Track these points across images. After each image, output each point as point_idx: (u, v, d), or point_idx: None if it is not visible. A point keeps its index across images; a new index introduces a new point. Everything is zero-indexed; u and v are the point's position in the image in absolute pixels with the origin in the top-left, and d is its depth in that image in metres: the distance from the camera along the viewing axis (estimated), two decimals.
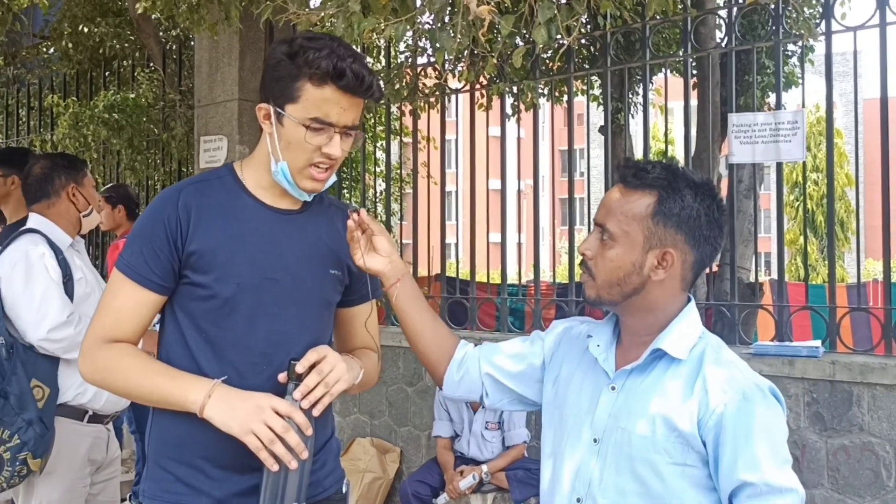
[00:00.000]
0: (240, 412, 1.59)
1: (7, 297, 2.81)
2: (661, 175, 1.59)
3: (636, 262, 1.58)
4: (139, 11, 4.59)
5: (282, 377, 1.68)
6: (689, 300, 1.66)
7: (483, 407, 4.43)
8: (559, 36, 2.84)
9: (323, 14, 2.86)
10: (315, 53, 1.63)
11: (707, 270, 1.73)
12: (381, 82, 5.53)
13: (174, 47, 6.71)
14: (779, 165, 4.27)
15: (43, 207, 3.02)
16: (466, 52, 4.01)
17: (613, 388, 1.62)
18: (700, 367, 1.56)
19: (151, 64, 6.78)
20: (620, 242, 1.58)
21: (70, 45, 7.17)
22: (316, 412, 1.65)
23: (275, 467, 1.58)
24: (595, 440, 1.61)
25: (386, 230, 1.81)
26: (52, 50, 7.75)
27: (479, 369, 1.84)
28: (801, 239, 22.59)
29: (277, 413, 1.59)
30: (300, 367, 1.65)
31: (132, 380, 1.69)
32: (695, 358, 1.58)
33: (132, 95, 6.51)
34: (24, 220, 3.83)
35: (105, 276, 4.99)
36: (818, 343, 3.87)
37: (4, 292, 2.82)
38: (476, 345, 1.92)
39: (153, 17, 4.90)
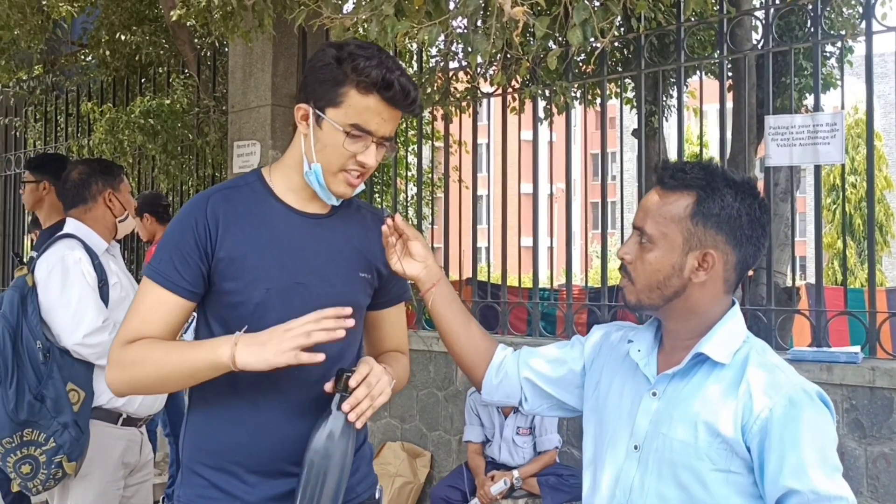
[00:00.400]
0: (270, 342, 1.58)
1: (44, 301, 2.85)
2: (700, 175, 1.56)
3: (676, 265, 1.55)
4: (174, 19, 4.64)
5: (328, 386, 1.67)
6: (733, 303, 1.63)
7: (520, 412, 4.41)
8: (593, 38, 2.82)
9: (356, 18, 2.87)
10: (365, 62, 1.63)
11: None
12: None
13: (208, 54, 6.78)
14: (817, 168, 4.20)
15: (80, 212, 3.06)
16: (499, 55, 3.99)
17: (654, 394, 1.60)
18: (744, 371, 1.53)
19: (186, 70, 6.86)
20: (659, 245, 1.56)
21: (107, 52, 7.28)
22: (359, 425, 1.64)
23: (338, 334, 1.60)
24: (636, 447, 1.59)
25: (421, 235, 1.81)
26: (90, 57, 7.87)
27: (518, 374, 1.82)
28: (839, 242, 22.24)
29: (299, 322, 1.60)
30: (354, 383, 1.63)
31: (160, 362, 1.66)
32: (738, 362, 1.54)
33: (167, 101, 6.60)
34: (58, 225, 3.91)
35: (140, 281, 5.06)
36: (857, 349, 3.79)
37: (41, 297, 2.85)
38: (514, 349, 1.90)
39: (188, 24, 4.95)
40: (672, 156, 8.06)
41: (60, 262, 2.87)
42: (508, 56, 4.29)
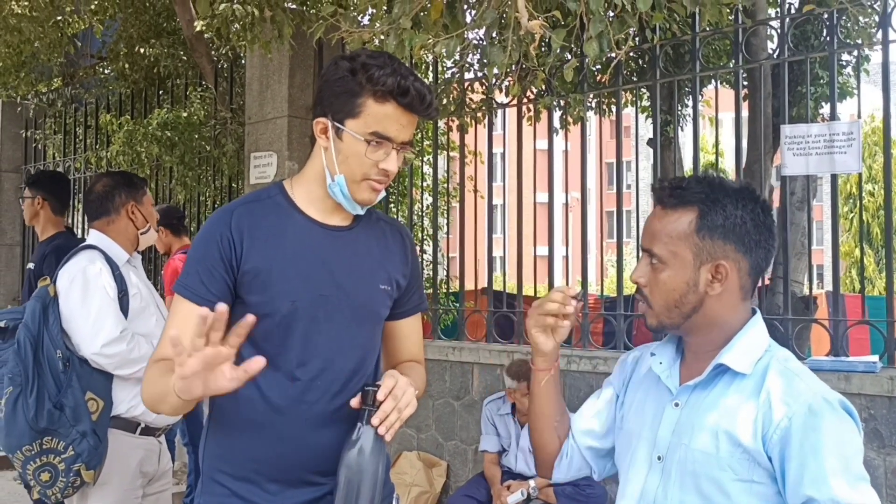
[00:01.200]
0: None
1: (64, 311, 2.89)
2: (698, 189, 1.58)
3: (690, 281, 1.56)
4: (196, 30, 4.70)
5: (355, 402, 1.69)
6: (754, 312, 1.63)
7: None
8: (609, 50, 2.83)
9: (374, 31, 2.89)
10: (379, 71, 1.66)
11: (759, 283, 1.69)
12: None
13: (226, 66, 6.84)
14: (833, 177, 4.19)
15: (103, 224, 3.10)
16: (515, 66, 4.01)
17: (677, 405, 1.60)
18: (763, 380, 1.53)
19: (204, 82, 6.92)
20: (671, 264, 1.57)
21: (126, 65, 7.37)
22: (389, 437, 1.66)
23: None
24: (659, 458, 1.60)
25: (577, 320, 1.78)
26: (108, 70, 7.96)
27: (578, 446, 1.81)
28: (857, 251, 22.04)
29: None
30: (381, 396, 1.64)
31: (155, 383, 1.66)
32: (759, 371, 1.54)
33: (185, 113, 6.66)
34: (54, 237, 4.09)
35: (161, 291, 5.11)
36: (875, 358, 3.77)
37: (62, 307, 2.89)
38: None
39: (206, 36, 5.02)
40: (688, 164, 8.04)
41: (82, 274, 2.91)
42: (524, 67, 4.31)
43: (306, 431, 1.74)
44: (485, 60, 2.93)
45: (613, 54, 2.88)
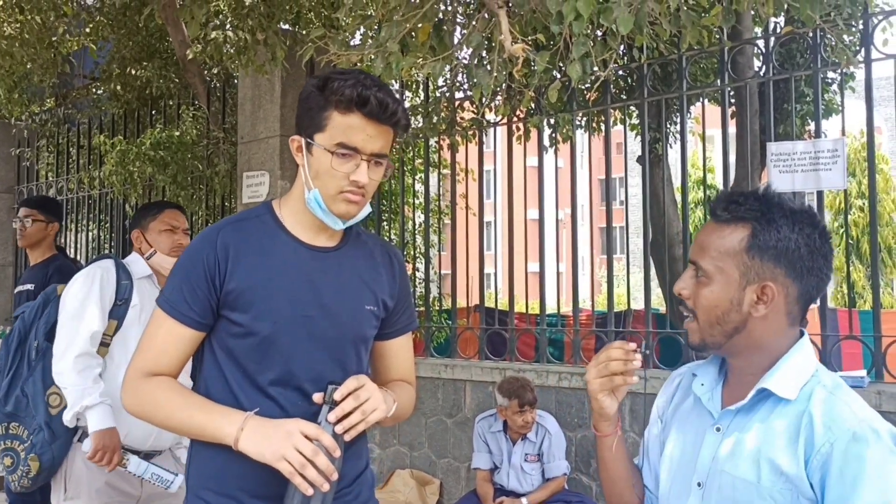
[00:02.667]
0: (271, 440, 1.63)
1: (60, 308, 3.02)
2: (754, 206, 1.51)
3: (734, 300, 1.50)
4: (189, 57, 4.76)
5: (317, 397, 1.71)
6: (801, 335, 1.56)
7: (528, 439, 4.41)
8: (596, 69, 2.88)
9: (362, 54, 2.94)
10: (340, 83, 1.69)
11: None
12: (418, 122, 5.63)
13: (218, 86, 6.88)
14: (819, 193, 4.24)
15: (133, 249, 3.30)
16: (503, 86, 4.06)
17: (718, 430, 1.54)
18: (808, 405, 1.45)
19: (196, 102, 6.96)
20: (715, 280, 1.51)
21: (119, 85, 7.40)
22: (348, 437, 1.68)
23: (309, 491, 1.60)
24: (699, 484, 1.53)
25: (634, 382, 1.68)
26: (101, 90, 8.00)
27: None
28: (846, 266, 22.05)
29: (306, 437, 1.62)
30: (338, 395, 1.67)
31: (170, 413, 1.74)
32: (804, 397, 1.47)
33: (177, 133, 6.69)
34: (53, 259, 4.23)
35: None
36: (863, 373, 3.80)
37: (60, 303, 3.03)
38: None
39: (203, 58, 5.07)
40: (677, 181, 8.10)
41: (81, 276, 3.06)
42: (512, 87, 4.36)
43: None
44: (473, 81, 2.97)
45: (598, 75, 2.92)
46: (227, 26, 4.32)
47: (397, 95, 1.81)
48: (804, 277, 1.50)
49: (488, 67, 2.68)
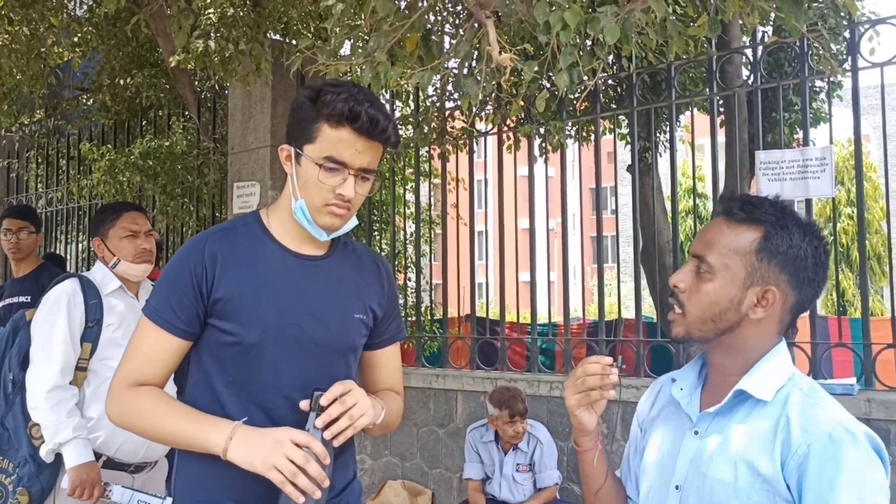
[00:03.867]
0: (260, 449, 1.62)
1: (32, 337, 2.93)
2: (770, 210, 1.52)
3: (735, 299, 1.51)
4: (173, 65, 4.75)
5: (304, 404, 1.70)
6: (780, 340, 1.58)
7: (519, 449, 4.41)
8: (585, 77, 2.89)
9: (351, 63, 2.94)
10: (333, 97, 1.69)
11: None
12: (409, 131, 5.64)
13: (208, 96, 6.88)
14: (808, 201, 4.25)
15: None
16: (492, 95, 4.07)
17: (696, 433, 1.55)
18: (784, 407, 1.47)
19: (187, 113, 6.96)
20: (720, 276, 1.51)
21: (108, 96, 7.39)
22: (337, 442, 1.67)
23: (300, 499, 1.60)
24: (677, 487, 1.54)
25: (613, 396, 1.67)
26: (90, 101, 7.99)
27: None
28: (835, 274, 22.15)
29: (297, 445, 1.62)
30: (324, 401, 1.67)
31: (157, 423, 1.73)
32: (781, 399, 1.49)
33: (167, 143, 6.69)
34: (38, 271, 4.16)
35: None
36: (853, 380, 3.81)
37: (32, 331, 2.93)
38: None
39: (188, 68, 5.07)
40: (666, 190, 8.12)
41: (45, 305, 2.94)
42: (501, 97, 4.37)
43: None
44: (460, 91, 2.97)
45: (586, 84, 2.93)
46: (212, 36, 4.31)
47: (389, 111, 1.80)
48: (804, 287, 1.52)
49: (478, 78, 2.69)
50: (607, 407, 1.65)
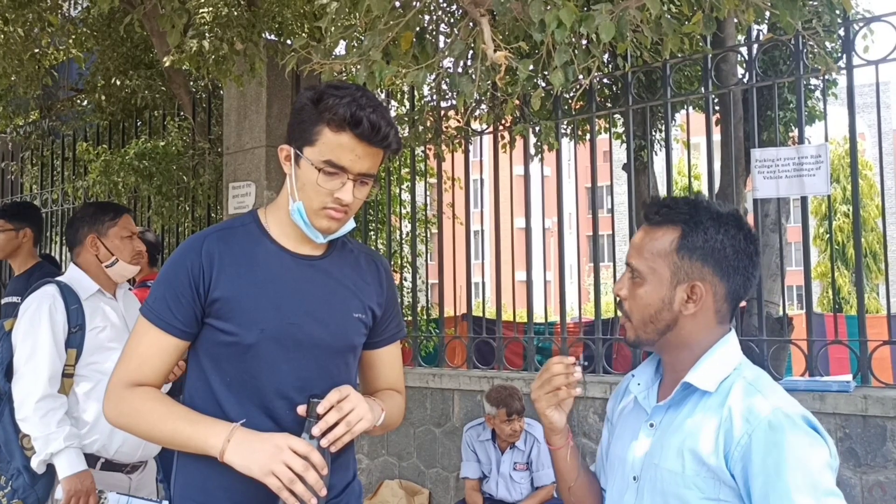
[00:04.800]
0: (259, 454, 1.61)
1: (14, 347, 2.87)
2: (684, 210, 1.60)
3: (665, 298, 1.59)
4: (167, 65, 4.73)
5: (301, 409, 1.69)
6: (729, 332, 1.64)
7: (517, 447, 4.41)
8: (581, 76, 2.89)
9: (345, 62, 2.93)
10: (335, 100, 1.67)
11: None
12: (404, 129, 5.63)
13: (203, 97, 6.87)
14: (804, 199, 4.26)
15: (75, 255, 3.05)
16: (488, 94, 4.06)
17: (652, 425, 1.62)
18: (727, 398, 1.53)
19: (182, 113, 6.95)
20: (649, 280, 1.60)
21: (103, 97, 7.38)
22: (334, 448, 1.67)
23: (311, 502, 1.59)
24: (634, 478, 1.61)
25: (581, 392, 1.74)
26: (85, 102, 7.97)
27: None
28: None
29: (295, 453, 1.61)
30: (321, 409, 1.66)
31: (154, 424, 1.72)
32: (724, 390, 1.55)
33: (162, 144, 6.67)
34: (36, 268, 4.01)
35: None
36: (849, 378, 3.82)
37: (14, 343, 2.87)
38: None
39: (183, 68, 5.06)
40: (662, 188, 8.13)
41: (27, 314, 2.87)
42: (496, 96, 4.37)
43: None
44: (455, 90, 2.97)
45: (581, 83, 2.93)
46: (206, 36, 4.28)
47: (391, 116, 1.79)
48: (731, 276, 1.59)
49: (473, 76, 2.68)
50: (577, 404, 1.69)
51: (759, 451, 1.44)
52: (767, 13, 3.32)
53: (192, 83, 6.86)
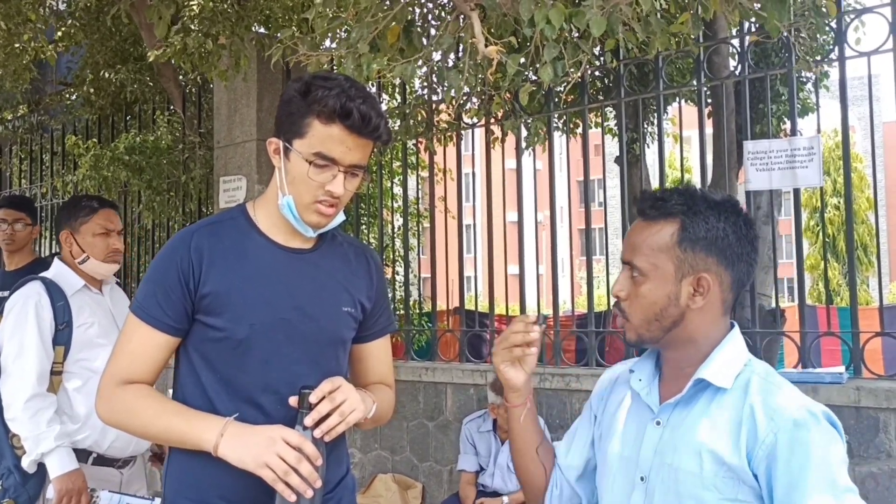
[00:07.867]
0: (252, 447, 1.61)
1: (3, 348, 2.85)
2: (680, 201, 1.55)
3: (671, 294, 1.53)
4: (150, 60, 4.68)
5: (292, 400, 1.68)
6: (732, 326, 1.60)
7: None
8: (571, 70, 2.87)
9: (332, 55, 2.91)
10: (325, 92, 1.65)
11: None
12: (396, 122, 5.61)
13: (193, 91, 6.83)
14: (796, 191, 4.26)
15: (61, 251, 3.04)
16: (478, 88, 4.04)
17: (658, 423, 1.56)
18: (746, 395, 1.49)
19: (172, 107, 6.91)
20: (652, 277, 1.54)
21: (92, 90, 7.32)
22: (327, 438, 1.66)
23: (292, 498, 1.58)
24: (642, 478, 1.55)
25: (539, 349, 1.74)
26: (74, 96, 7.91)
27: (567, 480, 1.76)
28: (822, 264, 22.26)
29: (289, 444, 1.60)
30: (313, 398, 1.65)
31: (147, 421, 1.71)
32: (741, 386, 1.51)
33: (152, 138, 6.63)
34: (32, 266, 3.95)
35: None
36: (842, 369, 3.82)
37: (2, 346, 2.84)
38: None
39: (172, 61, 5.02)
40: (655, 181, 8.13)
41: (12, 312, 2.85)
42: (486, 90, 4.35)
43: None
44: (444, 84, 2.95)
45: (571, 77, 2.91)
46: (193, 29, 4.24)
47: (381, 107, 1.77)
48: (735, 264, 1.55)
49: (462, 70, 2.66)
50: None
51: (785, 449, 1.41)
52: (754, 13, 3.29)
53: (181, 77, 6.81)
